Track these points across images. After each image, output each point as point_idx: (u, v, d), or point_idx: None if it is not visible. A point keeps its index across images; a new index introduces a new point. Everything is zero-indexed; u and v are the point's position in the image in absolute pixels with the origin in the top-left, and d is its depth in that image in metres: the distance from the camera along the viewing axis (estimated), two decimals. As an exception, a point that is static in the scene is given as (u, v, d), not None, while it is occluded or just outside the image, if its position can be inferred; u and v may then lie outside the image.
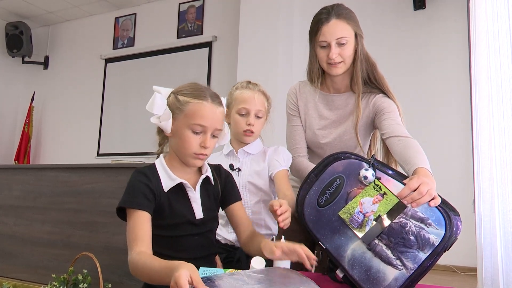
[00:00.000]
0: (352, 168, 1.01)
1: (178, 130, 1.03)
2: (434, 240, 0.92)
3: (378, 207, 0.97)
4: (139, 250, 0.94)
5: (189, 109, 1.02)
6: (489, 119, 1.69)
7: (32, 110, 5.33)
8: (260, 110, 1.38)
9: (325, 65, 1.40)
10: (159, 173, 1.06)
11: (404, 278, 0.92)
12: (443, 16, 3.47)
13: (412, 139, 1.25)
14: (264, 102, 1.40)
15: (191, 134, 1.02)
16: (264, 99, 1.40)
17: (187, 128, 1.02)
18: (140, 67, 4.84)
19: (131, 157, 4.36)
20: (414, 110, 3.32)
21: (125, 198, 1.01)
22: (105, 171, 2.32)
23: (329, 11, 1.36)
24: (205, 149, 1.03)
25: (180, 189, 1.06)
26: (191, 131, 1.02)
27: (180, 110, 1.03)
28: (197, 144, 1.02)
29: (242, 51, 3.75)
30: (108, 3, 4.97)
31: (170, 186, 1.04)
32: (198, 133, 1.02)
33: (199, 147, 1.03)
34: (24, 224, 2.60)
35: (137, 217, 0.98)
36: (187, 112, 1.02)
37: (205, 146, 1.03)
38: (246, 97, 1.36)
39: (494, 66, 1.67)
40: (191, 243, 1.06)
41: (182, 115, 1.03)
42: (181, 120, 1.03)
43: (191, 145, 1.02)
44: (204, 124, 1.02)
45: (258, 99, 1.37)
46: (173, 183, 1.05)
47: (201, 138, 1.03)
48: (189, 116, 1.02)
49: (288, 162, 1.41)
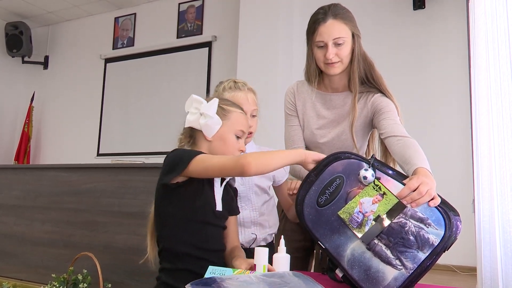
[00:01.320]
0: (352, 168, 1.01)
1: (222, 135, 1.17)
2: (434, 240, 0.92)
3: (378, 207, 0.97)
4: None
5: (234, 117, 1.19)
6: (488, 119, 1.69)
7: (32, 110, 5.32)
8: (255, 109, 1.39)
9: (322, 65, 1.40)
10: None
11: (403, 278, 0.92)
12: (442, 16, 3.47)
13: (411, 139, 1.25)
14: (255, 100, 1.40)
15: (235, 139, 1.18)
16: (254, 96, 1.40)
17: (233, 133, 1.18)
18: (140, 67, 4.84)
19: (131, 157, 4.36)
20: (413, 110, 3.32)
21: (191, 152, 1.08)
22: (105, 171, 2.33)
23: (326, 11, 1.36)
24: (242, 151, 1.19)
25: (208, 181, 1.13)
26: (235, 136, 1.18)
27: (226, 117, 1.17)
28: (238, 148, 1.18)
29: (242, 51, 3.75)
30: (108, 3, 4.97)
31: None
32: (239, 138, 1.19)
33: (238, 150, 1.18)
34: (24, 223, 2.60)
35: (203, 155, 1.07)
36: (232, 119, 1.18)
37: (243, 149, 1.19)
38: (240, 99, 1.35)
39: (493, 65, 1.67)
40: (215, 233, 1.13)
41: (229, 122, 1.17)
42: (227, 126, 1.17)
43: (234, 149, 1.17)
44: (245, 130, 1.21)
45: (251, 98, 1.38)
46: None
47: (240, 142, 1.20)
48: (235, 123, 1.18)
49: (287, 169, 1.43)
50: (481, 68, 1.71)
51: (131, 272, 2.08)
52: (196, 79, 4.43)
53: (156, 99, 4.60)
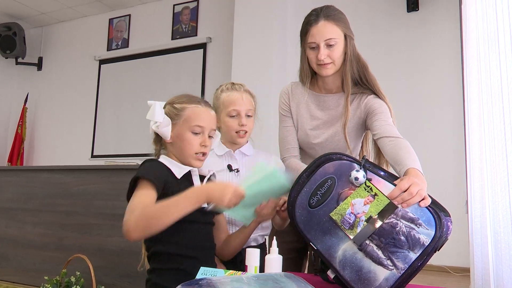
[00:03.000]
0: (343, 169, 1.02)
1: (178, 134, 1.15)
2: (424, 240, 0.92)
3: (369, 208, 0.97)
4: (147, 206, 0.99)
5: (187, 113, 1.14)
6: (479, 121, 1.70)
7: (25, 111, 5.29)
8: (250, 109, 1.39)
9: (315, 66, 1.41)
10: (167, 165, 1.15)
11: (394, 278, 0.92)
12: (436, 18, 3.49)
13: (403, 140, 1.26)
14: (252, 101, 1.41)
15: (192, 136, 1.14)
16: (251, 98, 1.41)
17: (188, 131, 1.14)
18: (134, 68, 4.83)
19: (125, 159, 4.35)
20: (407, 111, 3.34)
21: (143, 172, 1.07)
22: (98, 172, 2.31)
23: (318, 13, 1.38)
24: (205, 147, 1.15)
25: (187, 180, 1.15)
26: (191, 133, 1.14)
27: (178, 116, 1.14)
28: (198, 144, 1.14)
29: (237, 53, 3.75)
30: (102, 4, 4.96)
31: (183, 172, 1.13)
32: (197, 134, 1.14)
33: (199, 146, 1.14)
34: (16, 226, 2.58)
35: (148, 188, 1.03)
36: (185, 116, 1.14)
37: (205, 144, 1.14)
38: (235, 99, 1.37)
39: (484, 68, 1.69)
40: (199, 230, 1.13)
41: (181, 120, 1.14)
42: (180, 125, 1.14)
43: (192, 146, 1.13)
44: (202, 124, 1.14)
45: (246, 98, 1.38)
46: (184, 170, 1.14)
47: (201, 138, 1.15)
48: (188, 119, 1.14)
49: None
50: (472, 70, 1.73)
51: (124, 274, 2.06)
52: (191, 81, 4.42)
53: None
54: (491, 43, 1.64)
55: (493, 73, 1.64)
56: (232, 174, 1.36)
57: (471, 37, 1.72)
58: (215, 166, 1.38)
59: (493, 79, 1.65)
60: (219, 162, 1.39)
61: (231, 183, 1.02)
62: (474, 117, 1.72)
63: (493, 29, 1.62)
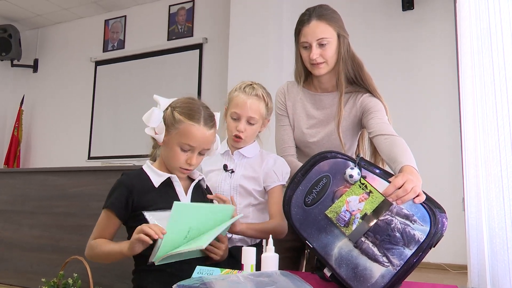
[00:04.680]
0: (338, 167, 1.02)
1: (169, 143, 1.13)
2: (419, 237, 0.93)
3: (364, 205, 0.98)
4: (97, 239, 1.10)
5: (182, 128, 1.11)
6: (474, 119, 1.71)
7: (21, 113, 5.27)
8: (252, 117, 1.33)
9: (309, 65, 1.42)
10: (147, 173, 1.14)
11: (390, 275, 0.92)
12: (431, 17, 3.51)
13: (399, 137, 1.26)
14: (260, 109, 1.34)
15: (179, 151, 1.12)
16: (260, 105, 1.34)
17: (177, 145, 1.11)
18: (130, 69, 4.82)
19: (122, 160, 4.34)
20: (403, 110, 3.35)
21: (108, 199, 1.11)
22: (95, 174, 2.31)
23: (310, 13, 1.38)
24: (190, 165, 1.13)
25: (169, 186, 1.14)
26: (180, 148, 1.11)
27: (174, 126, 1.12)
28: (184, 160, 1.12)
29: (233, 53, 3.75)
30: (98, 6, 4.95)
31: (160, 181, 1.12)
32: (186, 151, 1.12)
33: (185, 163, 1.12)
34: (13, 228, 2.57)
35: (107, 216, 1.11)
36: (179, 130, 1.11)
37: (191, 163, 1.12)
38: (240, 102, 1.33)
39: (478, 66, 1.70)
40: None
41: (175, 132, 1.12)
42: (173, 136, 1.12)
43: (178, 160, 1.12)
44: (193, 144, 1.11)
45: (252, 105, 1.32)
46: (162, 178, 1.13)
47: (188, 155, 1.12)
48: (181, 135, 1.11)
49: (286, 176, 1.37)
50: (467, 69, 1.74)
51: (122, 276, 2.06)
52: (187, 81, 4.42)
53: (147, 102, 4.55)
54: (484, 40, 1.66)
55: (487, 71, 1.65)
56: (226, 174, 1.36)
57: (465, 35, 1.73)
58: (216, 164, 1.38)
59: (486, 77, 1.66)
60: (219, 160, 1.39)
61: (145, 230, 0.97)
62: (469, 115, 1.73)
63: (485, 27, 1.63)
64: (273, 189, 1.35)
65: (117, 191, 1.10)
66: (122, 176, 1.14)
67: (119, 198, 1.08)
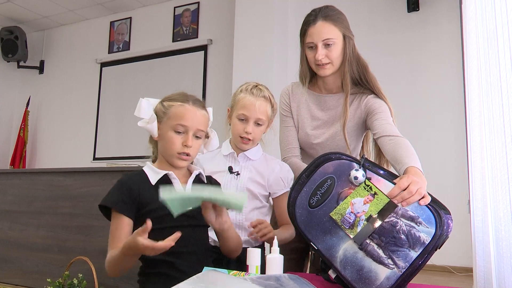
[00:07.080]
0: (343, 168, 1.02)
1: (163, 133, 1.12)
2: (425, 239, 0.92)
3: (369, 207, 0.97)
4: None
5: (172, 111, 1.11)
6: (480, 120, 1.70)
7: (27, 114, 5.31)
8: (260, 119, 1.32)
9: (314, 66, 1.42)
10: (146, 172, 1.14)
11: (395, 277, 0.92)
12: (437, 18, 3.49)
13: (403, 138, 1.26)
14: (267, 110, 1.34)
15: (174, 134, 1.11)
16: (267, 106, 1.34)
17: (170, 129, 1.11)
18: (135, 71, 4.84)
19: (127, 161, 4.35)
20: (408, 111, 3.34)
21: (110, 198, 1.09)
22: (100, 174, 2.32)
23: (316, 13, 1.38)
24: (187, 148, 1.10)
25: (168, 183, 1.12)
26: (173, 131, 1.11)
27: (164, 114, 1.12)
28: (180, 143, 1.10)
29: (238, 54, 3.76)
30: (103, 7, 4.98)
31: (157, 178, 1.11)
32: (180, 133, 1.11)
33: (181, 146, 1.10)
34: (19, 229, 2.59)
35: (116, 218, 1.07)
36: (170, 114, 1.11)
37: (187, 144, 1.10)
38: (247, 104, 1.32)
39: (484, 68, 1.69)
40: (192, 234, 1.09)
41: (166, 118, 1.12)
42: (165, 123, 1.12)
43: (174, 145, 1.10)
44: (185, 123, 1.10)
45: (260, 106, 1.31)
46: (159, 175, 1.12)
47: (183, 137, 1.11)
48: (172, 117, 1.11)
49: (291, 183, 1.36)
50: (473, 70, 1.73)
51: (126, 276, 2.06)
52: (192, 83, 4.43)
53: (152, 103, 4.59)
54: (490, 42, 1.65)
55: (493, 72, 1.64)
56: (231, 176, 1.35)
57: (471, 37, 1.72)
58: (219, 166, 1.37)
59: (493, 78, 1.65)
60: (223, 162, 1.37)
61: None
62: (475, 116, 1.72)
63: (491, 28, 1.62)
64: (281, 197, 1.36)
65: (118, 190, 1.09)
66: (123, 177, 1.13)
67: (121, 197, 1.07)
